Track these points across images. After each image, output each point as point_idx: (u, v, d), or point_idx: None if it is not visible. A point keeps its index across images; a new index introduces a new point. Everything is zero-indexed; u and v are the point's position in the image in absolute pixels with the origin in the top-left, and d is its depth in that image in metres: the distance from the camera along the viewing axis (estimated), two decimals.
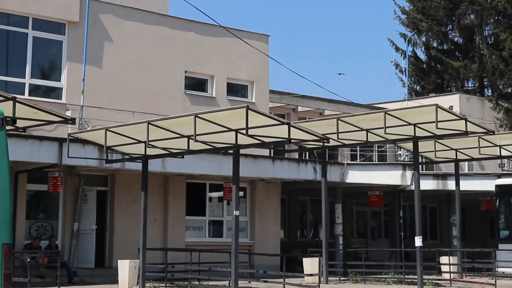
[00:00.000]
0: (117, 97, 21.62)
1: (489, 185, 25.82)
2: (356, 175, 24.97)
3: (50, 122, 15.00)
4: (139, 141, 16.06)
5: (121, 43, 22.03)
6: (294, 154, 27.25)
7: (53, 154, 18.48)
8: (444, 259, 22.60)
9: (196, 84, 24.01)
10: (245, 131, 13.95)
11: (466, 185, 25.29)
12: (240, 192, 19.21)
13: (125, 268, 17.78)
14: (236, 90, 24.88)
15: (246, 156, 21.49)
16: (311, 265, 20.05)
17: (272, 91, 26.99)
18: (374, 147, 31.29)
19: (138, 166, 18.21)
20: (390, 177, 25.52)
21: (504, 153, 22.43)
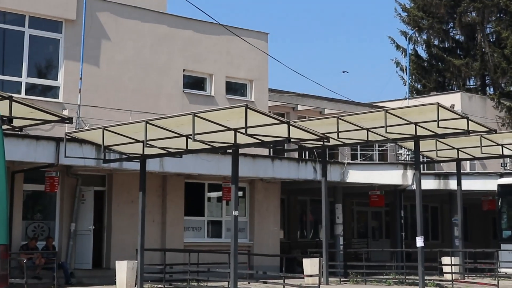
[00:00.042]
0: (114, 96, 21.58)
1: (491, 184, 25.82)
2: (356, 175, 24.89)
3: (47, 122, 15.07)
4: (137, 140, 16.03)
5: (118, 41, 21.98)
6: (294, 154, 27.33)
7: (50, 154, 18.41)
8: (446, 260, 22.53)
9: (194, 82, 23.94)
10: (244, 130, 13.90)
11: (468, 184, 25.25)
12: (239, 192, 19.35)
13: (123, 269, 17.70)
14: (235, 88, 24.81)
15: (245, 155, 21.43)
16: (311, 265, 19.98)
17: (271, 90, 26.97)
18: (375, 147, 31.29)
19: (136, 166, 18.16)
20: (391, 176, 25.45)
21: (506, 152, 22.39)
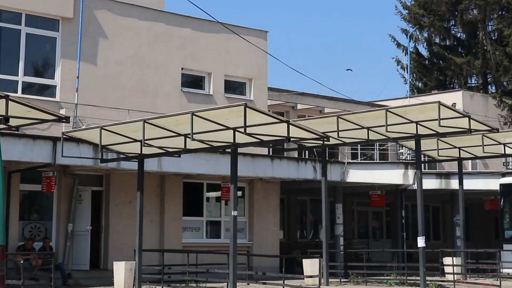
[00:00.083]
0: (112, 95, 21.58)
1: (493, 184, 25.87)
2: (357, 174, 24.85)
3: (43, 121, 15.04)
4: (135, 140, 15.98)
5: (116, 40, 21.95)
6: (294, 153, 27.39)
7: (46, 154, 18.39)
8: (447, 260, 22.48)
9: (193, 81, 23.90)
10: (243, 130, 13.83)
11: (469, 184, 25.27)
12: (238, 192, 19.42)
13: (120, 270, 17.69)
14: (234, 87, 24.76)
15: (244, 155, 21.39)
16: (311, 266, 19.93)
17: (270, 89, 26.96)
18: (376, 146, 31.29)
19: (134, 165, 18.09)
20: (392, 176, 25.41)
21: (508, 151, 22.36)
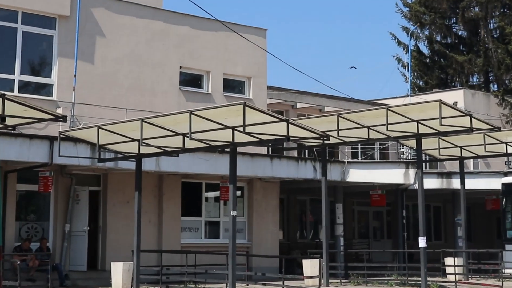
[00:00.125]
0: (109, 93, 21.56)
1: (495, 183, 25.88)
2: (357, 174, 24.79)
3: (40, 120, 14.91)
4: (133, 139, 15.94)
5: (113, 38, 21.92)
6: (293, 152, 27.39)
7: (43, 153, 18.34)
8: (449, 260, 22.53)
9: (191, 80, 23.87)
10: (242, 129, 13.77)
11: (471, 183, 25.28)
12: (237, 191, 19.41)
13: (118, 271, 17.77)
14: (232, 86, 24.73)
15: (244, 154, 21.35)
16: (311, 267, 19.95)
17: (270, 87, 26.94)
18: (376, 145, 31.33)
19: (131, 165, 18.07)
20: (393, 175, 25.34)
21: (510, 150, 22.34)
